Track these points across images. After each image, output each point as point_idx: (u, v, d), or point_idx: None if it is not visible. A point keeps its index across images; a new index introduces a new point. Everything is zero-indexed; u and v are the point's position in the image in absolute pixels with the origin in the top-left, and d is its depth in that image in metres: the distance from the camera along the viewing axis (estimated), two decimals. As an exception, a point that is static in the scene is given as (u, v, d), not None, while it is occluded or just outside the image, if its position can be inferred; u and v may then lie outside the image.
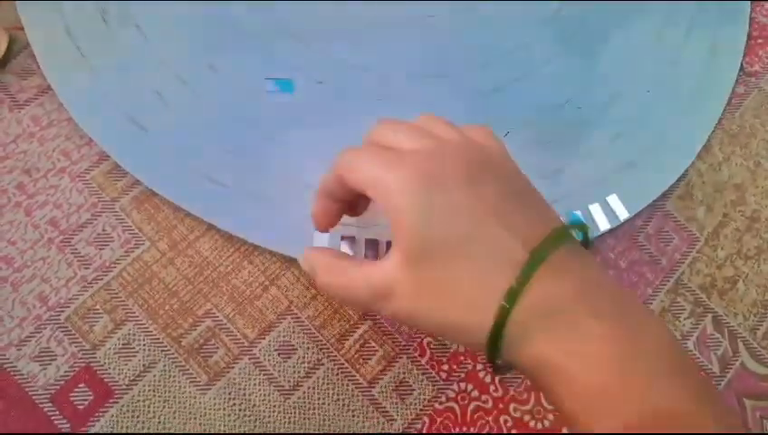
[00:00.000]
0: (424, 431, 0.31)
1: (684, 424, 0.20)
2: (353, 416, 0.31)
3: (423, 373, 0.32)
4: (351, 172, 0.25)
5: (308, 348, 0.31)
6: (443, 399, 0.31)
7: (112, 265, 0.32)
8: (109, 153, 0.33)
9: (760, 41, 0.39)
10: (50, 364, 0.30)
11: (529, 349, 0.22)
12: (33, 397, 0.29)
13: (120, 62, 0.34)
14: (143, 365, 0.30)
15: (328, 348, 0.32)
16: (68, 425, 0.29)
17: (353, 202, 0.28)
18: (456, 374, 0.32)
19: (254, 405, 0.30)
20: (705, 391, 0.22)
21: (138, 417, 0.29)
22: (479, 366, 0.32)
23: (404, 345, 0.32)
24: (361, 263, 0.26)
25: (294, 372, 0.31)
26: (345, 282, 0.26)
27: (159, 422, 0.30)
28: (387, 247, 0.33)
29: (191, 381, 0.30)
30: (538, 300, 0.22)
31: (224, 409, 0.30)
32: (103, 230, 0.32)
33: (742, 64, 0.39)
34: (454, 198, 0.23)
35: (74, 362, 0.30)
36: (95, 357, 0.30)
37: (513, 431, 0.31)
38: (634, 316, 0.22)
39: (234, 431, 0.30)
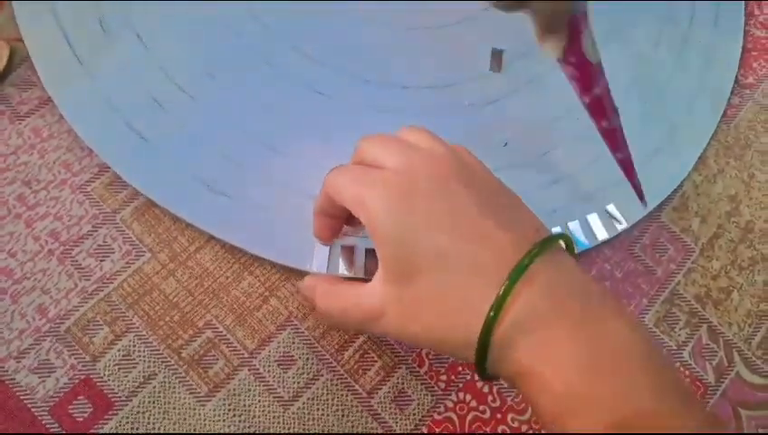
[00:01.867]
0: (423, 442, 0.30)
1: (651, 425, 0.21)
2: (352, 426, 0.30)
3: (422, 384, 0.31)
4: (337, 192, 0.25)
5: (307, 359, 0.31)
6: (441, 409, 0.31)
7: (113, 277, 0.31)
8: (109, 164, 0.33)
9: (754, 53, 0.39)
10: (49, 376, 0.29)
11: (511, 360, 0.22)
12: (32, 409, 0.29)
13: (120, 71, 0.34)
14: (143, 377, 0.30)
15: (327, 359, 0.31)
16: (68, 437, 0.29)
17: (350, 216, 0.28)
18: (455, 384, 0.31)
19: (254, 416, 0.30)
20: (674, 391, 0.22)
21: (137, 429, 0.29)
22: (477, 376, 0.32)
23: (403, 356, 0.32)
24: (355, 286, 0.26)
25: (294, 382, 0.31)
26: (341, 306, 0.26)
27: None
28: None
29: (191, 393, 0.30)
30: (519, 313, 0.22)
31: (224, 420, 0.30)
32: (104, 242, 0.32)
33: (737, 77, 0.38)
34: (431, 214, 0.23)
35: (74, 374, 0.30)
36: (95, 369, 0.30)
37: (511, 442, 0.31)
38: (607, 321, 0.22)
39: (233, 443, 0.29)
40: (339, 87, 0.35)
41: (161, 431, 0.29)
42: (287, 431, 0.30)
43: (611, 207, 0.34)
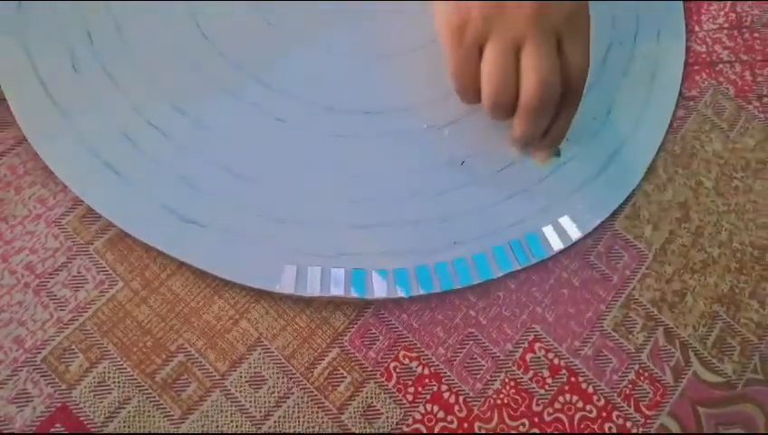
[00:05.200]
0: (392, 454, 0.30)
1: None
2: (324, 442, 0.30)
3: (390, 397, 0.31)
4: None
5: (278, 378, 0.31)
6: (410, 421, 0.31)
7: (87, 306, 0.32)
8: (82, 198, 0.33)
9: (696, 67, 0.40)
10: (26, 406, 0.29)
11: None
12: (11, 439, 0.29)
13: (92, 109, 0.35)
14: (118, 402, 0.30)
15: (297, 377, 0.31)
16: (45, 465, 0.29)
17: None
18: (422, 396, 0.32)
19: (227, 436, 0.30)
20: None
21: (113, 453, 0.29)
22: (444, 387, 0.32)
23: (371, 371, 0.32)
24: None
25: (265, 401, 0.31)
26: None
27: (134, 458, 0.29)
28: (373, 279, 0.33)
29: (165, 416, 0.30)
30: None
31: (197, 441, 0.30)
32: (78, 272, 0.32)
33: (681, 90, 0.39)
34: None
35: (50, 403, 0.30)
36: (71, 396, 0.30)
37: (478, 449, 0.31)
38: None
39: (207, 463, 0.29)
40: (300, 114, 0.36)
41: (136, 455, 0.29)
42: (260, 449, 0.30)
43: (565, 219, 0.35)
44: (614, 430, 0.32)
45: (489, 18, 0.29)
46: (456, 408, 0.32)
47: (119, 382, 0.30)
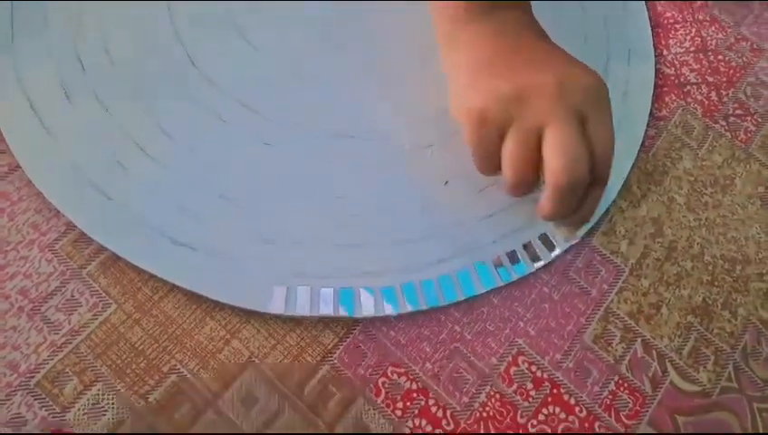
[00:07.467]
0: (382, 468, 0.31)
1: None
2: (315, 458, 0.31)
3: (379, 413, 0.32)
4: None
5: (269, 396, 0.32)
6: (399, 435, 0.32)
7: (81, 329, 0.32)
8: (75, 223, 0.33)
9: (665, 89, 0.42)
10: (20, 430, 0.30)
11: None
12: (5, 463, 0.29)
13: (83, 135, 0.35)
14: (112, 423, 0.30)
15: (288, 395, 0.32)
16: (39, 488, 0.29)
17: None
18: (410, 411, 0.32)
19: (220, 455, 0.30)
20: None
21: (107, 475, 0.29)
22: (431, 401, 0.33)
23: (360, 387, 0.32)
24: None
25: (257, 420, 0.31)
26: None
27: (128, 479, 0.29)
28: (361, 297, 0.33)
29: (158, 436, 0.30)
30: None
31: (190, 461, 0.30)
32: (72, 296, 0.32)
33: (651, 110, 0.41)
34: None
35: (44, 426, 0.30)
36: (65, 419, 0.30)
37: (466, 462, 0.31)
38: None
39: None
40: (286, 138, 0.37)
41: (130, 476, 0.29)
42: (252, 467, 0.30)
43: (545, 236, 0.36)
44: (596, 440, 0.33)
45: (510, 104, 0.28)
46: (444, 422, 0.32)
47: (112, 404, 0.31)
